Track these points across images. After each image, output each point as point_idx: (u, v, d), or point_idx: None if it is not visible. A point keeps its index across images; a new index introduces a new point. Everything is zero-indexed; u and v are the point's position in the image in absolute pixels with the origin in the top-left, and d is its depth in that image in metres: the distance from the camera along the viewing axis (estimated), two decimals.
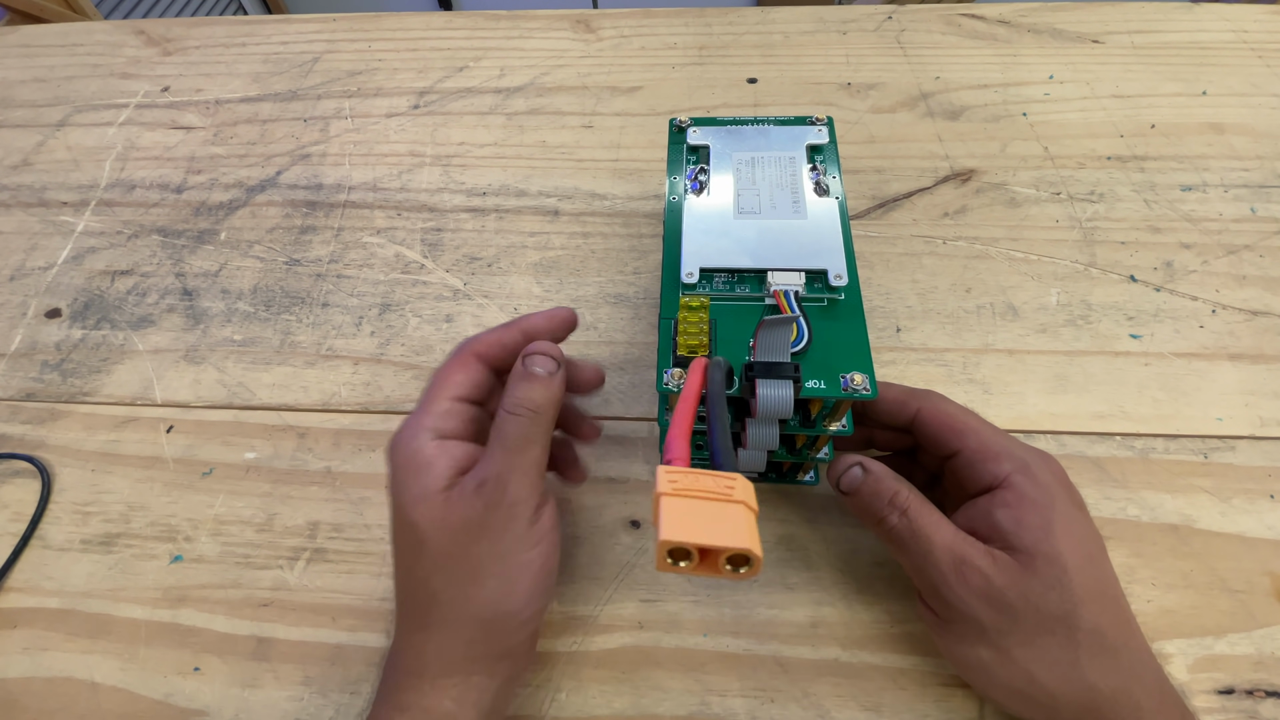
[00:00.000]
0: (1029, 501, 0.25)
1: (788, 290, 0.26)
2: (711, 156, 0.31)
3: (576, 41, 0.55)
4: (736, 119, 0.33)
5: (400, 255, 0.43)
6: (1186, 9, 0.54)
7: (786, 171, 0.30)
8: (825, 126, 0.32)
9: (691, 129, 0.32)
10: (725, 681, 0.29)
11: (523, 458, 0.25)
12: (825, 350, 0.25)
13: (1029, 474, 0.25)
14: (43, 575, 0.33)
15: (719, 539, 0.18)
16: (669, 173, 0.31)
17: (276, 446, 0.36)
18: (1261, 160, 0.44)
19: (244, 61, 0.57)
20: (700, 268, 0.27)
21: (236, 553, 0.33)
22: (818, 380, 0.24)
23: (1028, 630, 0.24)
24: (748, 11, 0.56)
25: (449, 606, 0.24)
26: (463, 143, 0.49)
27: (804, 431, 0.26)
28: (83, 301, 0.43)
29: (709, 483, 0.19)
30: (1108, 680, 0.23)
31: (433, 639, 0.24)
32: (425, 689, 0.24)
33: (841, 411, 0.25)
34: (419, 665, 0.24)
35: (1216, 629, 0.29)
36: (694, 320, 0.25)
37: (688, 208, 0.29)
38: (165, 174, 0.49)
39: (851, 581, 0.30)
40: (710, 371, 0.23)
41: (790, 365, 0.24)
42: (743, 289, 0.27)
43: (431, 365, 0.38)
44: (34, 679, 0.30)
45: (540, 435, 0.25)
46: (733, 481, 0.20)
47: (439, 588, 0.24)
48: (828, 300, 0.27)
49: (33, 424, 0.38)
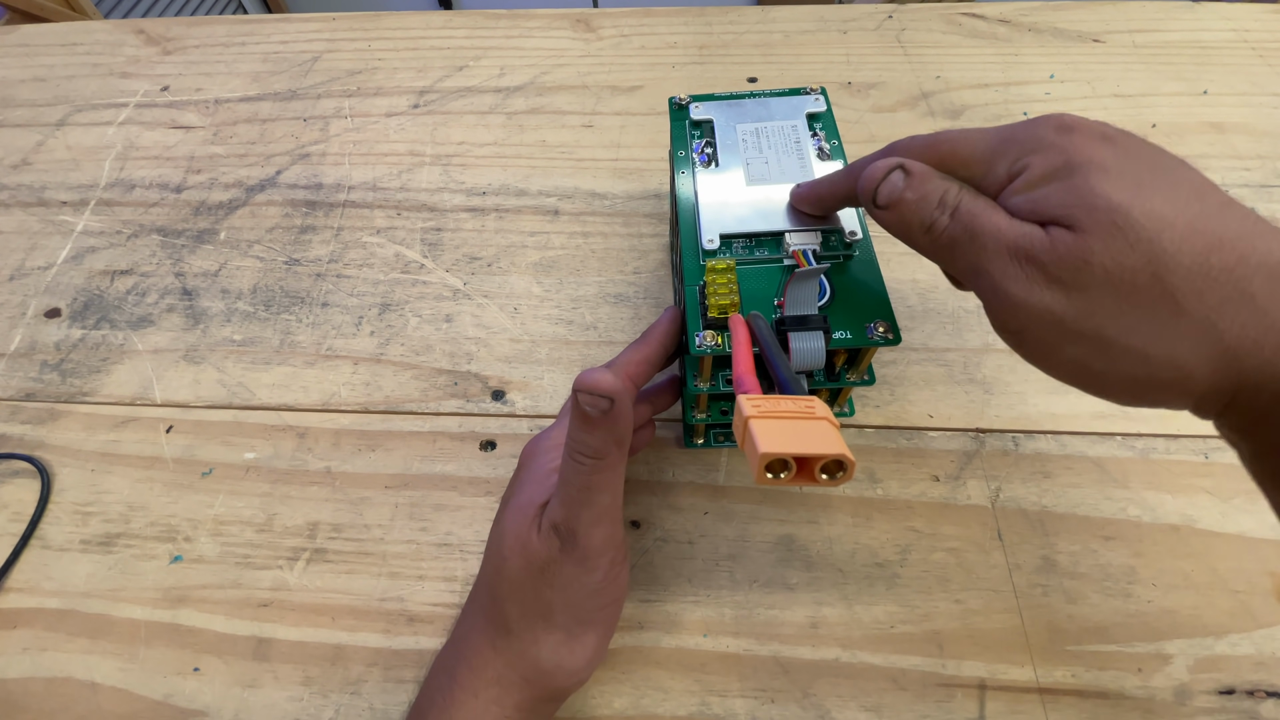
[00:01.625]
0: (1046, 170, 0.20)
1: (806, 249, 0.27)
2: (716, 130, 0.31)
3: (576, 41, 0.55)
4: (734, 94, 0.33)
5: (400, 255, 0.43)
6: (1187, 8, 0.53)
7: (790, 139, 0.31)
8: (821, 95, 0.32)
9: (693, 105, 0.33)
10: (725, 681, 0.29)
11: (589, 509, 0.23)
12: (847, 303, 0.26)
13: (1038, 144, 0.21)
14: (43, 575, 0.33)
15: (815, 447, 0.19)
16: (674, 148, 0.31)
17: (276, 446, 0.36)
18: (1262, 160, 0.44)
19: (244, 61, 0.57)
20: (720, 234, 0.28)
21: (236, 553, 0.33)
22: (844, 331, 0.25)
23: (1114, 300, 0.19)
24: (748, 11, 0.56)
25: (518, 639, 0.24)
26: (463, 142, 0.49)
27: (828, 385, 0.28)
28: (82, 301, 0.43)
29: (789, 405, 0.20)
30: (1234, 317, 0.18)
31: (493, 664, 0.24)
32: (478, 710, 0.24)
33: (864, 363, 0.27)
34: (477, 684, 0.24)
35: (1217, 629, 0.29)
36: (723, 281, 0.26)
37: (700, 179, 0.30)
38: (165, 174, 0.49)
39: (851, 581, 0.30)
40: (755, 320, 0.24)
41: (820, 317, 0.25)
42: (762, 252, 0.28)
43: (431, 365, 0.38)
44: (34, 679, 0.30)
45: (606, 483, 0.23)
46: (811, 402, 0.21)
47: (513, 617, 0.24)
48: (843, 257, 0.27)
49: (32, 424, 0.38)
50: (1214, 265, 0.18)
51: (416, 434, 0.36)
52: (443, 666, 0.26)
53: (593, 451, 0.22)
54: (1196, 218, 0.18)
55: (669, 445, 0.35)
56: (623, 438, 0.23)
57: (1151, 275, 0.18)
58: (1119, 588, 0.30)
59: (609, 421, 0.22)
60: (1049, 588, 0.30)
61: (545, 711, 0.26)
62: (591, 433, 0.22)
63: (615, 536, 0.24)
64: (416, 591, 0.31)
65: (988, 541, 0.31)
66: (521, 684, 0.24)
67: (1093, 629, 0.29)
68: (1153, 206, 0.18)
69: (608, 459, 0.22)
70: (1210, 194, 0.19)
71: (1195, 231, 0.18)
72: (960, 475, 0.33)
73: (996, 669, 0.28)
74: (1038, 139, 0.21)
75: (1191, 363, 0.18)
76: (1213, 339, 0.18)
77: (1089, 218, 0.19)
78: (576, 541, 0.23)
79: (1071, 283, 0.19)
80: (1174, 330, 0.18)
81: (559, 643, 0.24)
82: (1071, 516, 0.31)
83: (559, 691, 0.25)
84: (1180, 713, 0.27)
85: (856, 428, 0.34)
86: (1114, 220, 0.18)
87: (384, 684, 0.29)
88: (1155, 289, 0.18)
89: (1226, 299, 0.18)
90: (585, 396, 0.21)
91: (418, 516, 0.33)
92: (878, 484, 0.33)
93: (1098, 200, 0.19)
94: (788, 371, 0.22)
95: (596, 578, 0.24)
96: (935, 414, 0.35)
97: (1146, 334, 0.19)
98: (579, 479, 0.23)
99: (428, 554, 0.32)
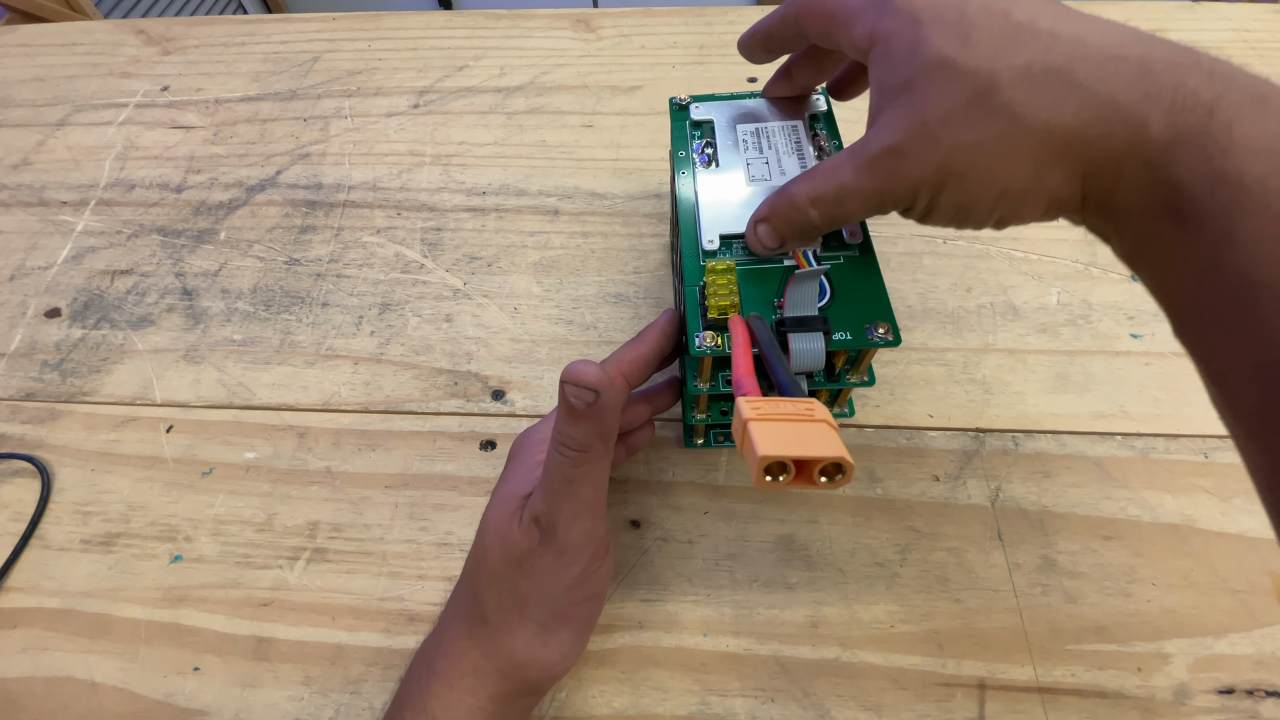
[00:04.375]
0: (893, 36, 0.21)
1: (806, 250, 0.27)
2: (716, 130, 0.31)
3: (576, 40, 0.55)
4: (735, 94, 0.33)
5: (400, 255, 0.43)
6: (1187, 9, 0.53)
7: (791, 139, 0.31)
8: (821, 95, 0.32)
9: (694, 105, 0.33)
10: (725, 681, 0.29)
11: (570, 502, 0.23)
12: (847, 304, 0.26)
13: (889, 6, 0.22)
14: (43, 575, 0.33)
15: (814, 450, 0.19)
16: (674, 149, 0.31)
17: (276, 446, 0.36)
18: None
19: (244, 61, 0.57)
20: (720, 235, 0.28)
21: (236, 553, 0.33)
22: (844, 332, 0.25)
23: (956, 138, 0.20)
24: (748, 11, 0.56)
25: (494, 631, 0.24)
26: (463, 142, 0.49)
27: (828, 386, 0.27)
28: (82, 301, 0.43)
29: (788, 407, 0.21)
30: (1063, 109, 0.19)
31: (470, 655, 0.24)
32: (453, 701, 0.24)
33: (864, 364, 0.27)
34: (453, 674, 0.24)
35: (1217, 629, 0.29)
36: (723, 282, 0.26)
37: (700, 179, 0.30)
38: (165, 173, 0.49)
39: (851, 581, 0.30)
40: (754, 322, 0.24)
41: (820, 318, 0.25)
42: None
43: (431, 365, 0.38)
44: (34, 679, 0.30)
45: (588, 476, 0.23)
46: (810, 404, 0.21)
47: (490, 608, 0.24)
48: (843, 257, 0.27)
49: (33, 424, 0.38)
50: (1038, 71, 0.19)
51: (416, 434, 0.36)
52: (422, 655, 0.26)
53: (576, 444, 0.22)
54: (1020, 37, 0.20)
55: (669, 445, 0.35)
56: (607, 432, 0.23)
57: (979, 103, 0.19)
58: (1119, 587, 0.30)
59: (594, 414, 0.22)
60: (1049, 587, 0.30)
61: (523, 705, 0.26)
62: (576, 425, 0.22)
63: (596, 532, 0.24)
64: (416, 591, 0.31)
65: (987, 541, 0.31)
66: (497, 676, 0.24)
67: (1093, 628, 0.29)
68: (974, 40, 0.20)
69: (591, 452, 0.22)
70: (1054, 10, 0.20)
71: (1016, 49, 0.19)
72: (960, 475, 0.33)
73: (996, 668, 0.28)
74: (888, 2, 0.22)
75: (1035, 164, 0.20)
76: (1049, 135, 0.19)
77: (922, 79, 0.20)
78: (556, 535, 0.23)
79: (922, 145, 0.20)
80: (1012, 139, 0.20)
81: (533, 636, 0.24)
82: (1071, 516, 0.32)
83: (535, 685, 0.25)
84: (1180, 712, 0.27)
85: (856, 427, 0.34)
86: (941, 73, 0.20)
87: (384, 683, 0.29)
88: (986, 112, 0.20)
89: (1057, 95, 0.19)
90: (570, 388, 0.22)
91: (418, 516, 0.33)
92: (877, 484, 0.33)
93: (928, 60, 0.20)
94: (787, 374, 0.22)
95: (574, 572, 0.24)
96: (935, 414, 0.35)
97: (991, 153, 0.20)
98: (561, 471, 0.23)
99: (428, 553, 0.32)
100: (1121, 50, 0.19)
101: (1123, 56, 0.19)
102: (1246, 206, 0.17)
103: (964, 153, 0.20)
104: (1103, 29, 0.20)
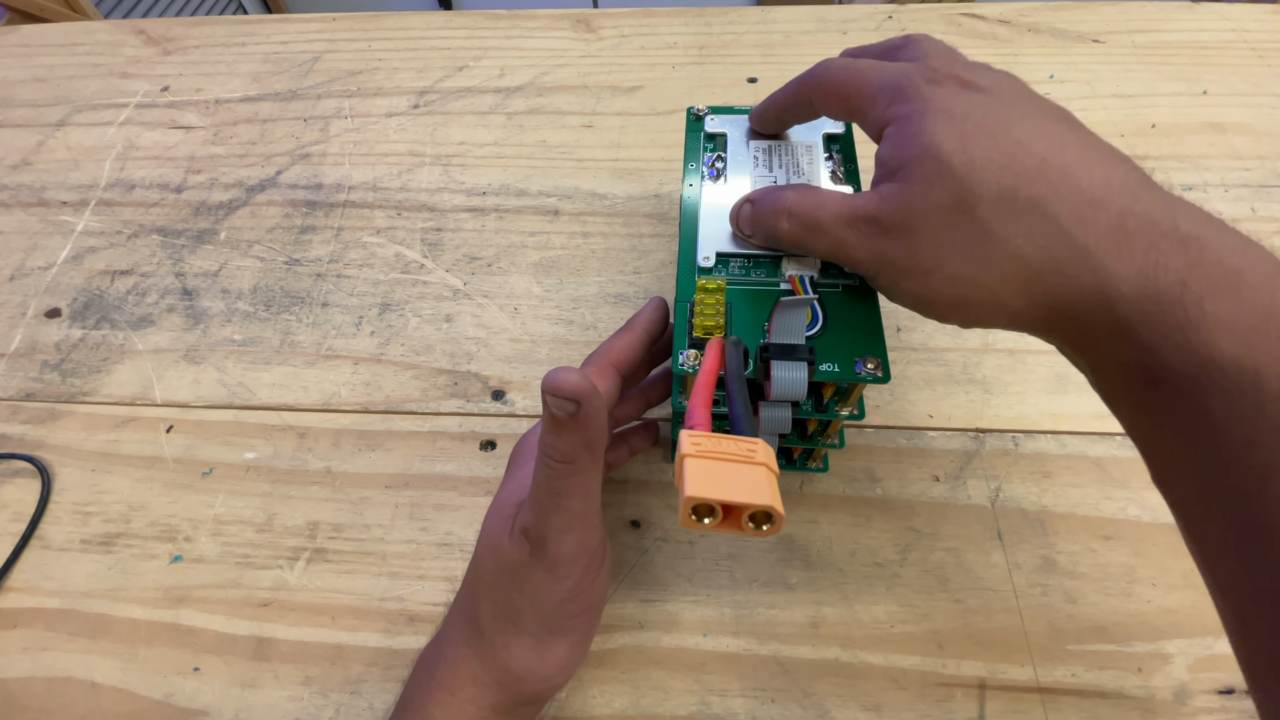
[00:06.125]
0: (901, 120, 0.22)
1: (802, 275, 0.27)
2: (729, 144, 0.31)
3: (576, 41, 0.55)
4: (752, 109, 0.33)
5: (400, 255, 0.43)
6: (1187, 8, 0.53)
7: (804, 160, 0.30)
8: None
9: (709, 117, 0.32)
10: (725, 681, 0.29)
11: (559, 515, 0.22)
12: (839, 335, 0.26)
13: (903, 95, 0.22)
14: (43, 575, 0.33)
15: (741, 496, 0.18)
16: (686, 160, 0.31)
17: (276, 446, 0.36)
18: (1262, 160, 0.44)
19: (244, 61, 0.57)
20: (716, 252, 0.28)
21: (236, 553, 0.33)
22: (831, 364, 0.25)
23: (931, 236, 0.21)
24: (748, 11, 0.56)
25: (490, 641, 0.24)
26: (463, 142, 0.49)
27: (816, 416, 0.27)
28: (82, 301, 0.43)
29: (731, 446, 0.20)
30: (1036, 241, 0.19)
31: (469, 663, 0.24)
32: (455, 709, 0.24)
33: (854, 397, 0.26)
34: (454, 682, 0.24)
35: (1217, 629, 0.28)
36: (711, 302, 0.25)
37: (705, 194, 0.30)
38: (165, 174, 0.49)
39: (851, 581, 0.30)
40: (727, 349, 0.24)
41: (805, 348, 0.24)
42: (758, 274, 0.27)
43: (432, 365, 0.38)
44: (34, 679, 0.30)
45: (576, 488, 0.22)
46: (754, 445, 0.20)
47: (486, 618, 0.24)
48: (842, 286, 0.27)
49: (33, 424, 0.38)
50: (1021, 198, 0.20)
51: (416, 434, 0.36)
52: (424, 661, 0.26)
53: (561, 455, 0.21)
54: (1013, 156, 0.20)
55: (669, 445, 0.35)
56: (593, 441, 0.21)
57: (960, 210, 0.20)
58: (1119, 587, 0.30)
59: (577, 424, 0.21)
60: (1049, 587, 0.30)
61: (524, 714, 0.26)
62: (560, 435, 0.21)
63: (588, 544, 0.23)
64: (417, 591, 0.31)
65: (987, 541, 0.31)
66: (496, 686, 0.24)
67: (1093, 628, 0.29)
68: (969, 147, 0.20)
69: (578, 463, 0.21)
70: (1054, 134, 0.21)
71: (1006, 169, 0.20)
72: (960, 475, 0.33)
73: (996, 669, 0.28)
74: (907, 90, 0.22)
75: (999, 284, 0.20)
76: (1018, 263, 0.20)
77: (917, 166, 0.21)
78: (546, 548, 0.22)
79: (900, 229, 0.21)
80: (982, 257, 0.20)
81: (529, 648, 0.24)
82: (1071, 516, 0.32)
83: (534, 695, 0.25)
84: (1180, 712, 0.27)
85: (856, 427, 0.34)
86: (934, 166, 0.20)
87: (384, 684, 0.29)
88: (964, 221, 0.20)
89: (1033, 227, 0.20)
90: (551, 398, 0.20)
91: (418, 516, 0.33)
92: (877, 484, 0.33)
93: (925, 150, 0.21)
94: (743, 409, 0.22)
95: (566, 586, 0.23)
96: (935, 414, 0.35)
97: (959, 262, 0.20)
98: (548, 483, 0.22)
99: (428, 554, 0.32)
100: (1105, 198, 0.19)
101: (1102, 205, 0.19)
102: (1221, 385, 0.17)
103: (935, 252, 0.21)
104: (1093, 165, 0.20)
